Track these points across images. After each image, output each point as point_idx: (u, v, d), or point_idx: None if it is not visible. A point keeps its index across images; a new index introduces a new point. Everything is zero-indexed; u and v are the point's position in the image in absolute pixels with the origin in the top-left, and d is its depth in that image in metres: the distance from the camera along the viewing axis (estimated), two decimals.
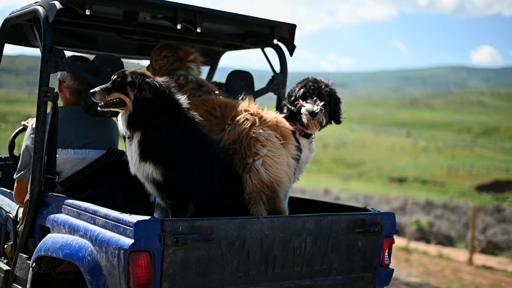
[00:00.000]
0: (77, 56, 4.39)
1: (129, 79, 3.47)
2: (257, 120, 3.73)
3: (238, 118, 3.77)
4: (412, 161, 70.42)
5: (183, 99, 3.61)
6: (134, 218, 2.98)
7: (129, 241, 2.93)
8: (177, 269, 3.02)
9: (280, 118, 3.82)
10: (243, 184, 3.67)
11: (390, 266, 3.89)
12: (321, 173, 61.31)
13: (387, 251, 3.81)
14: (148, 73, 3.58)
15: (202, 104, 3.88)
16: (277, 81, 4.77)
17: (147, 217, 3.00)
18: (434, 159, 72.43)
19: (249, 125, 3.71)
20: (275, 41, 4.56)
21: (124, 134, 3.54)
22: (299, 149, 3.97)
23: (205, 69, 5.69)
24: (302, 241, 3.40)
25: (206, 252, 3.09)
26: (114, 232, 3.07)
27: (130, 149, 3.55)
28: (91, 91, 3.46)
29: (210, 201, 3.59)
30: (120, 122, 3.54)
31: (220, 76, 5.15)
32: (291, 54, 4.65)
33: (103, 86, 3.46)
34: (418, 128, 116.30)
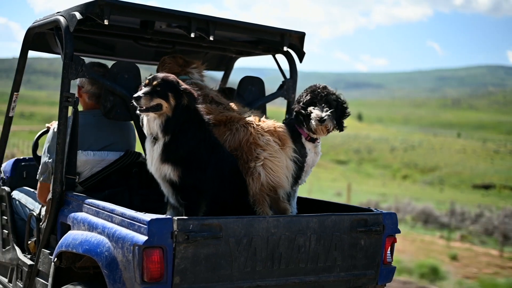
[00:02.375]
0: (94, 62, 4.57)
1: (170, 86, 3.63)
2: (254, 127, 3.90)
3: (236, 126, 3.95)
4: (489, 165, 67.47)
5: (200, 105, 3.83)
6: (148, 217, 3.15)
7: (143, 238, 3.11)
8: (188, 264, 3.19)
9: (277, 124, 3.98)
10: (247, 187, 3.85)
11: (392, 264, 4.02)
12: (396, 179, 59.74)
13: (389, 249, 3.93)
14: (180, 81, 3.77)
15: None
16: (287, 87, 4.93)
17: (160, 216, 3.18)
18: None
19: (248, 132, 3.88)
20: (285, 48, 4.74)
21: (152, 135, 3.67)
22: (304, 153, 4.14)
23: (220, 74, 5.92)
24: (306, 239, 3.55)
25: (215, 248, 3.26)
26: (130, 229, 3.25)
27: (152, 149, 3.70)
28: (135, 96, 3.56)
29: (220, 201, 3.76)
30: (150, 124, 3.66)
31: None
32: (300, 60, 4.81)
33: (145, 91, 3.57)
34: (465, 129, 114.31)
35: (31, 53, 4.94)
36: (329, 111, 4.03)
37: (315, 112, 4.01)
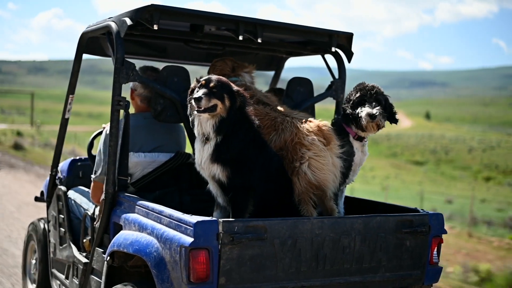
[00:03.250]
0: (147, 66, 4.66)
1: (225, 87, 3.69)
2: (299, 127, 3.93)
3: (281, 126, 4.00)
4: None
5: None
6: (194, 219, 3.22)
7: (189, 240, 3.18)
8: (233, 265, 3.24)
9: (322, 123, 4.00)
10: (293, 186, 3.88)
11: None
12: (478, 180, 57.60)
13: (435, 250, 3.91)
14: (231, 83, 3.83)
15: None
16: (336, 87, 4.94)
17: (206, 218, 3.24)
18: None
19: (293, 132, 3.92)
20: (333, 49, 4.76)
21: (204, 136, 3.71)
22: (351, 151, 4.16)
23: (270, 74, 5.98)
24: (351, 240, 3.57)
25: (260, 250, 3.30)
26: (177, 231, 3.32)
27: (202, 149, 3.74)
28: (197, 97, 3.58)
29: (266, 201, 3.80)
30: (203, 125, 3.70)
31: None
32: (349, 61, 4.81)
33: (205, 92, 3.62)
34: None
35: None
36: (379, 108, 4.06)
37: (366, 110, 4.04)
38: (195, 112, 3.65)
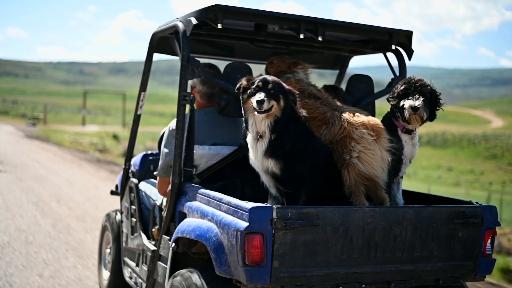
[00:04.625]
0: (205, 63, 4.86)
1: (280, 88, 3.86)
2: (349, 121, 4.05)
3: (331, 120, 4.13)
4: None
5: None
6: (249, 205, 3.39)
7: (245, 224, 3.36)
8: (287, 249, 3.39)
9: (371, 118, 4.09)
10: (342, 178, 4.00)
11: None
12: None
13: (489, 242, 3.94)
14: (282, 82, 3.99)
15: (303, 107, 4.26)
16: (396, 84, 5.03)
17: (261, 204, 3.41)
18: None
19: (342, 126, 4.04)
20: (394, 47, 4.85)
21: (258, 134, 3.87)
22: (400, 144, 4.22)
23: (335, 73, 6.11)
24: (402, 229, 3.65)
25: (312, 236, 3.44)
26: (234, 216, 3.51)
27: (255, 146, 3.91)
28: (260, 99, 3.73)
29: (317, 190, 3.93)
30: (258, 124, 3.85)
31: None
32: (409, 58, 4.89)
33: (265, 94, 3.76)
34: None
35: None
36: (422, 100, 4.10)
37: (408, 102, 4.09)
38: (256, 113, 3.80)
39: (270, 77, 3.91)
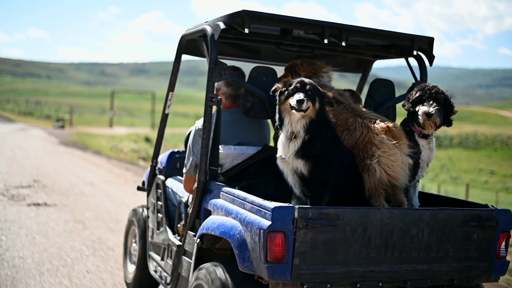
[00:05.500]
0: (229, 66, 4.98)
1: (317, 90, 4.02)
2: (370, 127, 4.18)
3: (353, 126, 4.26)
4: None
5: None
6: (272, 204, 3.55)
7: (267, 223, 3.51)
8: (307, 248, 3.55)
9: (391, 123, 4.22)
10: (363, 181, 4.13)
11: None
12: None
13: (503, 244, 4.06)
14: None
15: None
16: None
17: (284, 204, 3.57)
18: None
19: (363, 131, 4.18)
20: (415, 52, 4.97)
21: (293, 134, 3.99)
22: (418, 149, 4.33)
23: (357, 77, 6.23)
24: (419, 231, 3.78)
25: (332, 235, 3.59)
26: (257, 215, 3.66)
27: (287, 145, 4.03)
28: (300, 98, 3.88)
29: (340, 193, 4.07)
30: (294, 124, 3.98)
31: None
32: (430, 64, 5.00)
33: (304, 95, 3.92)
34: None
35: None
36: (436, 106, 4.23)
37: (423, 108, 4.23)
38: (294, 111, 3.94)
39: (307, 80, 4.07)
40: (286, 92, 4.01)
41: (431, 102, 4.24)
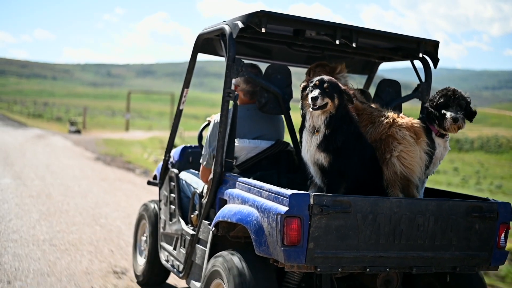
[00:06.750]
0: (247, 63, 5.25)
1: (335, 87, 4.25)
2: (393, 122, 4.42)
3: (377, 120, 4.51)
4: None
5: None
6: (289, 192, 3.77)
7: (284, 209, 3.74)
8: (321, 233, 3.78)
9: (413, 120, 4.47)
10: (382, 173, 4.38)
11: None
12: None
13: (503, 235, 4.30)
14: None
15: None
16: (422, 89, 5.36)
17: (300, 191, 3.79)
18: None
19: (387, 126, 4.42)
20: (421, 55, 5.20)
21: (315, 128, 4.23)
22: (433, 146, 4.58)
23: (363, 78, 6.47)
24: (425, 220, 4.02)
25: (344, 221, 3.82)
26: (274, 202, 3.89)
27: (310, 139, 4.27)
28: (314, 96, 4.15)
29: (358, 184, 4.30)
30: (314, 119, 4.23)
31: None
32: (435, 66, 5.23)
33: (319, 92, 4.17)
34: None
35: (203, 57, 5.76)
36: (462, 111, 4.54)
37: (449, 114, 4.50)
38: (311, 109, 4.19)
39: (326, 77, 4.31)
40: (307, 89, 4.27)
41: (456, 107, 4.54)
